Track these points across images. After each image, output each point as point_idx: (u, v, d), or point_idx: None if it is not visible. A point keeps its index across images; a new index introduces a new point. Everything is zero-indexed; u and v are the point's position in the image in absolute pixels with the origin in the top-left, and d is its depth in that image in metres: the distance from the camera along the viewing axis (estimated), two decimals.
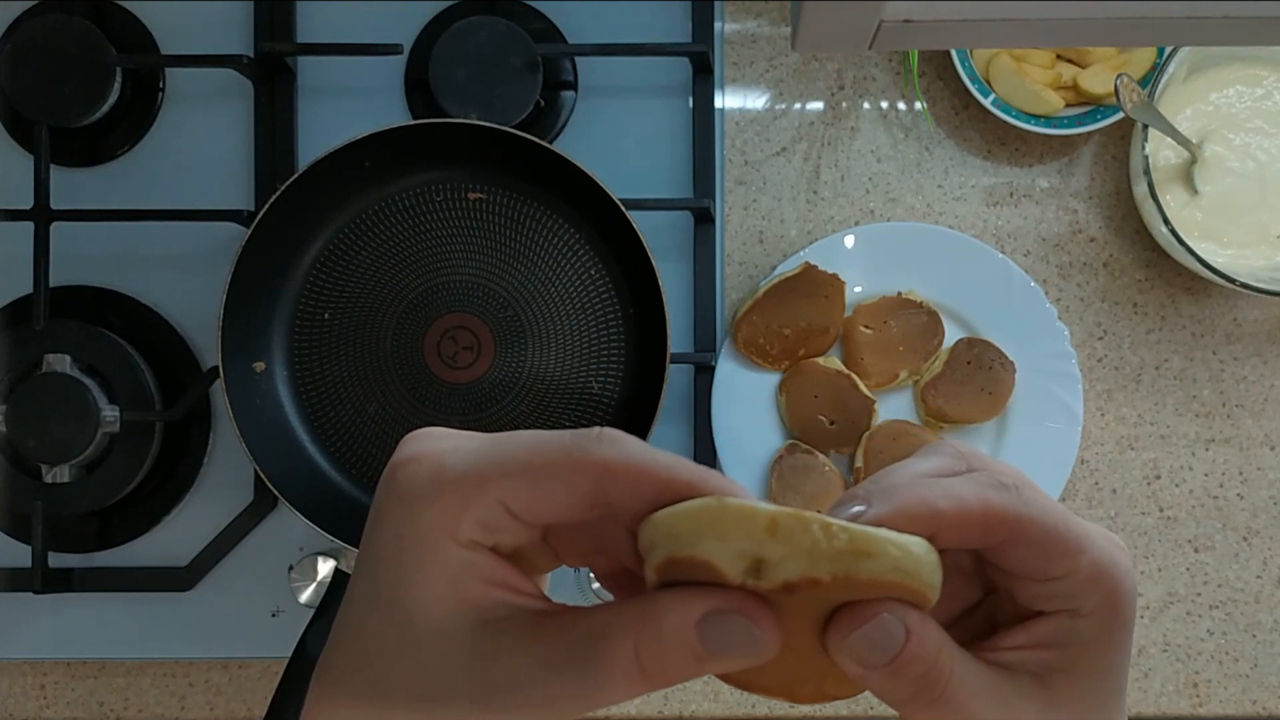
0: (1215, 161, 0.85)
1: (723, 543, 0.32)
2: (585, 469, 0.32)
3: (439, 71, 0.83)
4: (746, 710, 0.88)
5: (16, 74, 0.83)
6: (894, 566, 0.33)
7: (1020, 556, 0.35)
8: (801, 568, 0.32)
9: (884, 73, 0.90)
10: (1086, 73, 0.87)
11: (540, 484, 0.33)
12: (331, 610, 0.77)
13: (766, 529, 0.32)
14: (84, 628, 0.87)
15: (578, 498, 0.33)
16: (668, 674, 0.32)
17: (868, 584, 0.33)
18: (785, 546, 0.32)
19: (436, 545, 0.33)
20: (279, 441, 0.82)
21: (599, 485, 0.33)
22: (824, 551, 0.32)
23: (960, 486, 0.35)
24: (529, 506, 0.33)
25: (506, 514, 0.33)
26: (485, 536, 0.33)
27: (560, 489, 0.33)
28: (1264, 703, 0.89)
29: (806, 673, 0.36)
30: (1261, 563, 0.89)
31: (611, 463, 0.32)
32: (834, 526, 0.32)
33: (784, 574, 0.32)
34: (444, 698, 0.33)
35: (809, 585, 0.32)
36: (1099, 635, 0.35)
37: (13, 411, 0.81)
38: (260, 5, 0.87)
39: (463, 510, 0.33)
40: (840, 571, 0.32)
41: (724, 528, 0.32)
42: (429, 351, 0.83)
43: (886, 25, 0.34)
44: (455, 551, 0.33)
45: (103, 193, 0.88)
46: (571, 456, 0.32)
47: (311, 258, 0.83)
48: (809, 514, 0.33)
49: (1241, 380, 0.90)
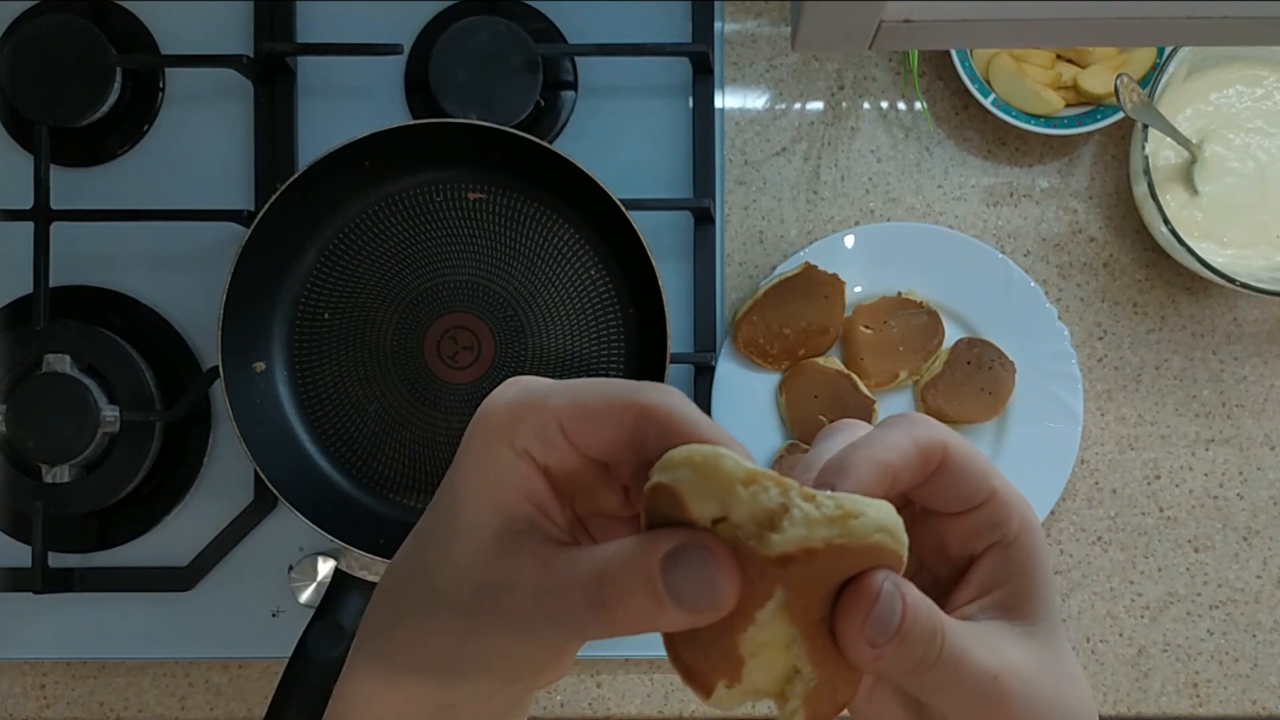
0: (1215, 161, 0.85)
1: (700, 482, 0.34)
2: (630, 408, 0.35)
3: (439, 71, 0.83)
4: (746, 710, 0.88)
5: (16, 74, 0.83)
6: (879, 526, 0.34)
7: (949, 486, 0.39)
8: (799, 535, 0.33)
9: (884, 73, 0.90)
10: (1086, 73, 0.87)
11: (591, 410, 0.36)
12: (332, 610, 0.77)
13: (743, 480, 0.34)
14: (84, 628, 0.87)
15: (618, 431, 0.36)
16: (626, 609, 0.34)
17: (858, 550, 0.34)
18: (752, 504, 0.33)
19: (494, 447, 0.36)
20: (279, 441, 0.82)
21: (638, 424, 0.36)
22: (816, 518, 0.33)
23: (889, 436, 0.38)
24: (578, 429, 0.36)
25: (559, 433, 0.36)
26: (538, 450, 0.36)
27: (607, 419, 0.36)
28: (1264, 703, 0.89)
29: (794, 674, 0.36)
30: (1261, 563, 0.89)
31: (651, 406, 0.35)
32: (819, 495, 0.34)
33: (781, 546, 0.33)
34: (449, 590, 0.36)
35: (805, 556, 0.33)
36: (1030, 556, 0.39)
37: (13, 411, 0.81)
38: (260, 5, 0.87)
39: (523, 419, 0.36)
40: (834, 536, 0.33)
41: (707, 470, 0.34)
42: (429, 351, 0.83)
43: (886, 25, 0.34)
44: (508, 457, 0.36)
45: (103, 193, 0.88)
46: (623, 394, 0.36)
47: (311, 258, 0.83)
48: (790, 480, 0.34)
49: (1241, 380, 0.90)
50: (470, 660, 0.36)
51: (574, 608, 0.34)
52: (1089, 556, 0.89)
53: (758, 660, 0.35)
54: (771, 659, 0.35)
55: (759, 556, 0.34)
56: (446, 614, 0.36)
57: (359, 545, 0.77)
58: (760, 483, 0.34)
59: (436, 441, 0.83)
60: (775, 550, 0.33)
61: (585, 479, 0.38)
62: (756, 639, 0.35)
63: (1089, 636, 0.89)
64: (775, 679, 0.36)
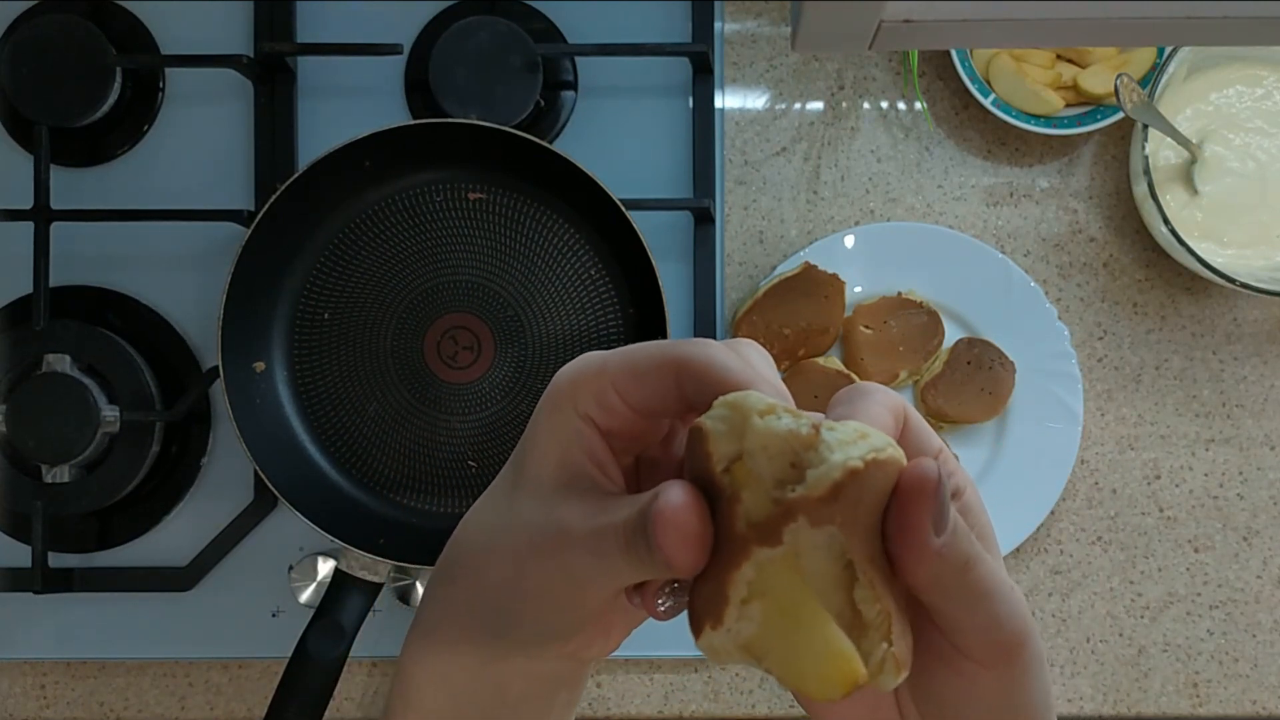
0: (1215, 161, 0.85)
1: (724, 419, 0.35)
2: (670, 364, 0.38)
3: (439, 71, 0.83)
4: (746, 710, 0.88)
5: (16, 74, 0.83)
6: (888, 441, 0.35)
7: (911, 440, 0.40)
8: (840, 461, 0.33)
9: (884, 73, 0.90)
10: (1086, 73, 0.87)
11: (639, 371, 0.39)
12: (332, 610, 0.77)
13: (761, 410, 0.35)
14: (84, 628, 0.87)
15: (663, 387, 0.39)
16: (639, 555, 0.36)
17: (888, 470, 0.35)
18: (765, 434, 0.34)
19: (561, 412, 0.40)
20: (279, 441, 0.82)
21: (679, 379, 0.38)
22: (849, 438, 0.34)
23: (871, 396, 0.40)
24: (629, 389, 0.39)
25: (614, 395, 0.39)
26: (597, 413, 0.39)
27: (652, 378, 0.39)
28: (1264, 703, 0.89)
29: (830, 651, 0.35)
30: (1261, 563, 0.89)
31: (686, 360, 0.38)
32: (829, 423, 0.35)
33: (828, 476, 0.34)
34: (506, 540, 0.39)
35: (850, 479, 0.33)
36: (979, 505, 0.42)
37: (13, 411, 0.81)
38: (260, 5, 0.87)
39: (582, 385, 0.39)
40: (868, 454, 0.34)
41: (732, 405, 0.36)
42: (429, 351, 0.83)
43: (886, 25, 0.34)
44: (572, 420, 0.39)
45: (103, 193, 0.88)
46: (663, 352, 0.39)
47: (311, 258, 0.83)
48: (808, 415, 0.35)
49: (1241, 380, 0.90)
50: (519, 613, 0.39)
51: (612, 547, 0.36)
52: (1089, 556, 0.89)
53: (750, 609, 0.35)
54: (768, 612, 0.35)
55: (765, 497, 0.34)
56: (499, 565, 0.39)
57: (359, 545, 0.77)
58: (775, 412, 0.35)
59: (436, 441, 0.83)
60: (824, 483, 0.33)
61: (645, 434, 0.41)
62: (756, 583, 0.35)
63: (1089, 636, 0.89)
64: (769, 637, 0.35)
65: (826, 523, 0.34)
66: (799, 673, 0.35)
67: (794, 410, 0.35)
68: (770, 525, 0.34)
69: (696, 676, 0.88)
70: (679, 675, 0.88)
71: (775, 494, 0.34)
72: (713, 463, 0.35)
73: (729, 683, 0.88)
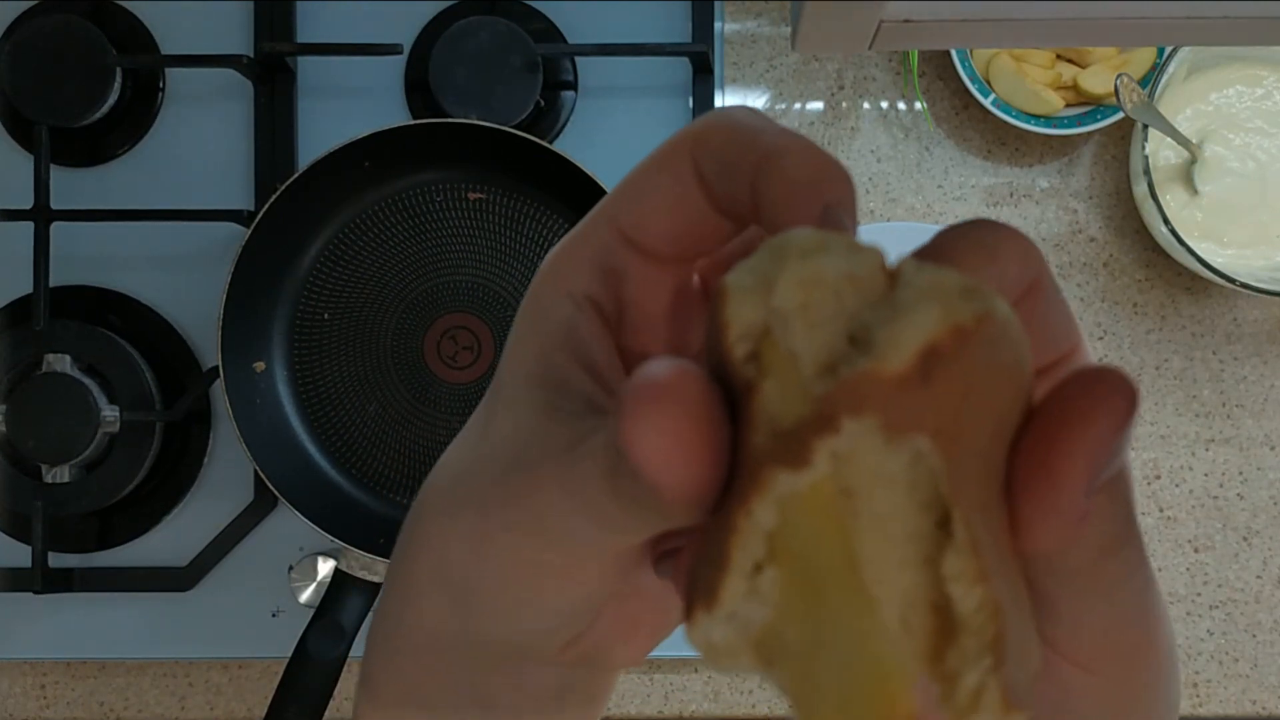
0: (1215, 161, 0.85)
1: (753, 268, 0.22)
2: (679, 149, 0.27)
3: (439, 71, 0.83)
4: (746, 710, 0.88)
5: (16, 74, 0.83)
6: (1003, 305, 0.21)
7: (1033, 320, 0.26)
8: (941, 311, 0.20)
9: (884, 73, 0.90)
10: (1086, 73, 0.87)
11: (644, 184, 0.28)
12: (332, 610, 0.77)
13: (805, 248, 0.21)
14: (84, 628, 0.87)
15: (680, 184, 0.27)
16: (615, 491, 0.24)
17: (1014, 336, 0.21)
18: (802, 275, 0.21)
19: (542, 301, 0.28)
20: (279, 441, 0.82)
21: (696, 163, 0.27)
22: (944, 283, 0.20)
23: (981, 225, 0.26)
24: (639, 219, 0.27)
25: (621, 239, 0.28)
26: (601, 285, 0.27)
27: (664, 180, 0.27)
28: (1264, 703, 0.89)
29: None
30: (1261, 563, 0.89)
31: (698, 130, 0.27)
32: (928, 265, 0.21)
33: (916, 334, 0.19)
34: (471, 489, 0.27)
35: (960, 344, 0.20)
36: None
37: (13, 411, 0.81)
38: (260, 5, 0.87)
39: (576, 251, 0.28)
40: (980, 308, 0.20)
41: (769, 247, 0.22)
42: (429, 351, 0.83)
43: (886, 25, 0.34)
44: (557, 309, 0.27)
45: (103, 193, 0.88)
46: (668, 143, 0.27)
47: (311, 258, 0.83)
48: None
49: (1241, 380, 0.90)
50: (487, 602, 0.27)
51: (590, 479, 0.24)
52: None
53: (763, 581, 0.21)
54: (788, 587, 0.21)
55: (799, 387, 0.20)
56: (466, 518, 0.27)
57: (359, 545, 0.77)
58: (827, 247, 0.21)
59: (436, 441, 0.83)
60: (907, 346, 0.20)
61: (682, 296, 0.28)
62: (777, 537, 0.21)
63: None
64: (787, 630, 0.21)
65: (909, 429, 0.20)
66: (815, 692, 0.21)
67: (860, 243, 0.22)
68: (800, 434, 0.20)
69: (696, 676, 0.88)
70: (679, 675, 0.88)
71: (817, 383, 0.20)
72: (728, 340, 0.21)
73: (729, 683, 0.88)
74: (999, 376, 0.21)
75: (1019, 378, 0.21)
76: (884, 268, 0.21)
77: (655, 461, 0.21)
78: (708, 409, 0.21)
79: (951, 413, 0.20)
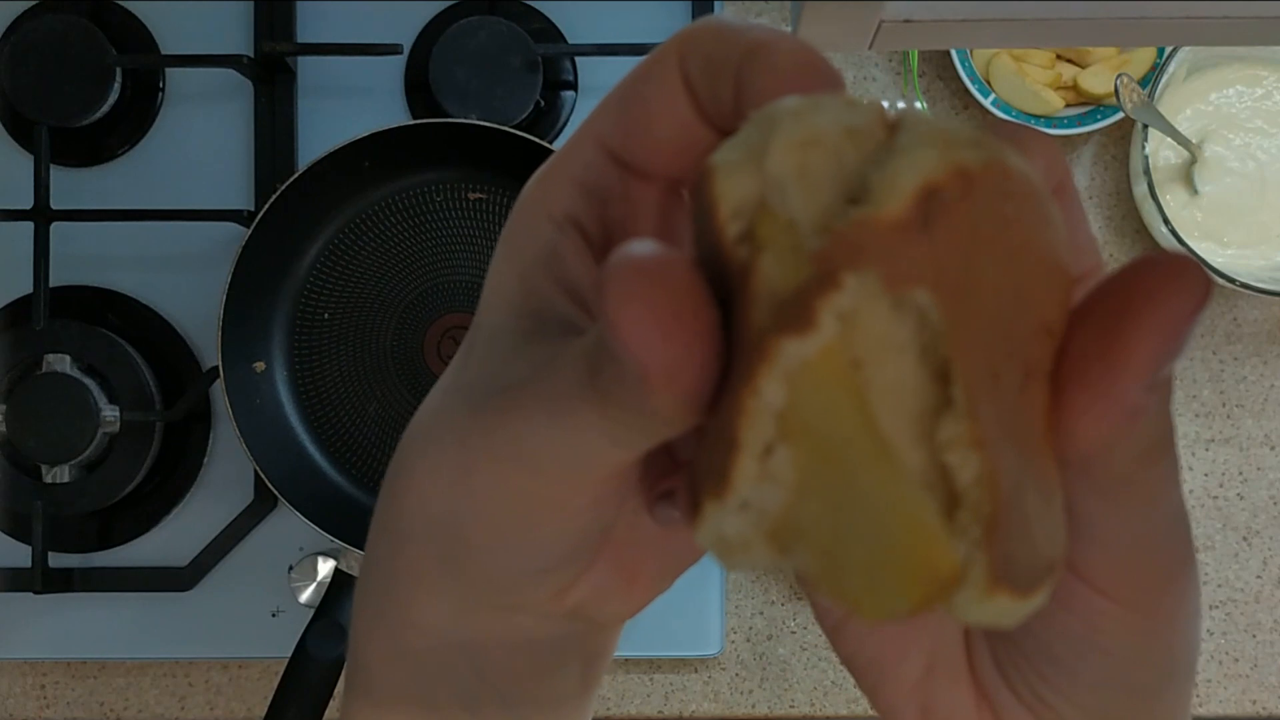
0: (1215, 161, 0.85)
1: (742, 141, 0.20)
2: (666, 56, 0.25)
3: (439, 71, 0.83)
4: (746, 710, 0.88)
5: (16, 74, 0.83)
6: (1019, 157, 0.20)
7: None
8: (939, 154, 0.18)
9: (884, 73, 0.90)
10: (1086, 73, 0.87)
11: (630, 96, 0.25)
12: (332, 610, 0.77)
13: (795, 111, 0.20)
14: (84, 628, 0.87)
15: (667, 92, 0.25)
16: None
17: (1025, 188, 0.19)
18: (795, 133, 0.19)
19: (523, 223, 0.26)
20: (279, 441, 0.82)
21: (683, 70, 0.25)
22: (951, 132, 0.19)
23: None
24: (624, 132, 0.25)
25: (605, 156, 0.26)
26: (585, 204, 0.26)
27: (650, 89, 0.25)
28: (1264, 703, 0.89)
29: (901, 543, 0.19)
30: (1261, 563, 0.89)
31: (684, 34, 0.25)
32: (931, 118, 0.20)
33: (913, 175, 0.18)
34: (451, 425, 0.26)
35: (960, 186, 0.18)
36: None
37: (13, 411, 0.81)
38: (260, 5, 0.87)
39: (561, 169, 0.26)
40: (988, 155, 0.18)
41: (758, 118, 0.21)
42: (429, 351, 0.83)
43: (886, 25, 0.34)
44: (538, 231, 0.26)
45: (103, 193, 0.88)
46: (655, 51, 0.25)
47: (311, 258, 0.83)
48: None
49: (1241, 380, 0.90)
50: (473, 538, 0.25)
51: (571, 387, 0.22)
52: None
53: (776, 461, 0.19)
54: (806, 463, 0.19)
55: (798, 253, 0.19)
56: (446, 451, 0.25)
57: (359, 545, 0.77)
58: (820, 107, 0.20)
59: None
60: (904, 187, 0.18)
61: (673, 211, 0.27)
62: (787, 414, 0.19)
63: None
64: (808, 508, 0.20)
65: (911, 281, 0.18)
66: (843, 568, 0.19)
67: (856, 99, 0.20)
68: (802, 298, 0.19)
69: (696, 676, 0.88)
70: (679, 675, 0.88)
71: (814, 240, 0.19)
72: (719, 219, 0.20)
73: (729, 683, 0.88)
74: (1017, 234, 0.19)
75: (1044, 242, 0.19)
76: (885, 120, 0.20)
77: (641, 340, 0.19)
78: (694, 285, 0.20)
79: (958, 265, 0.18)
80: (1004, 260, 0.19)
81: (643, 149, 0.25)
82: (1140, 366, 0.21)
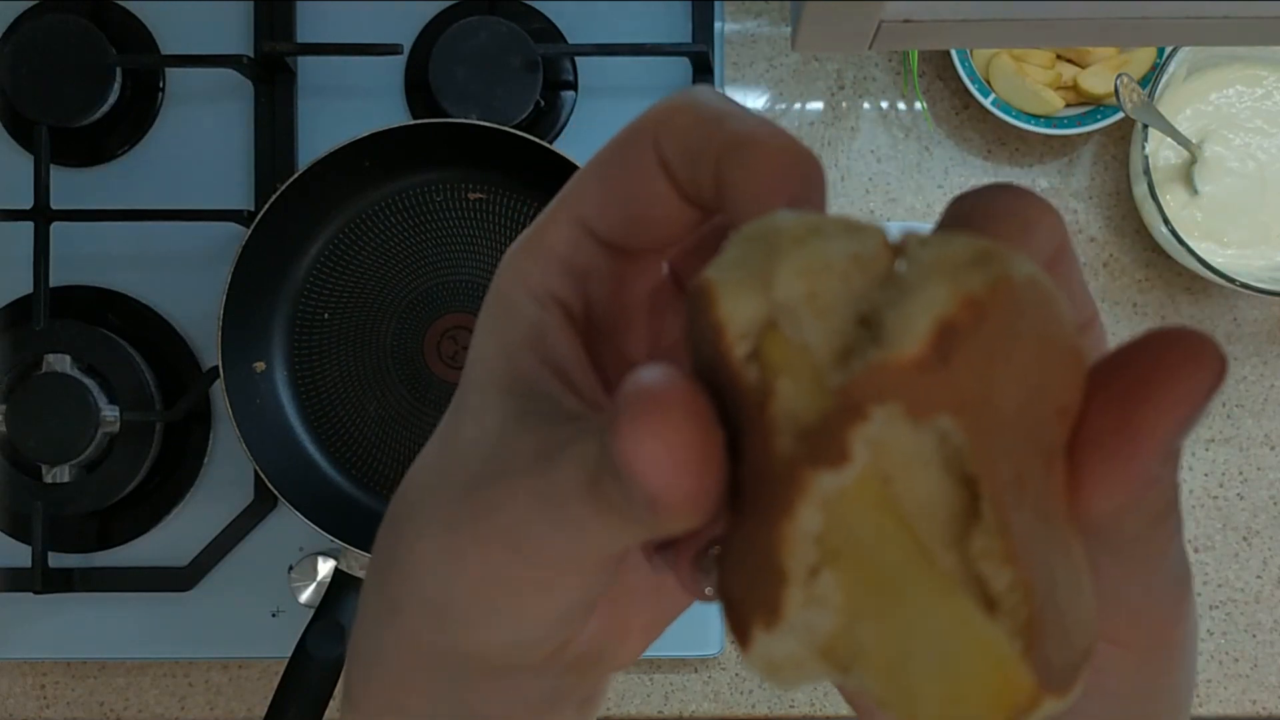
0: (1215, 161, 0.85)
1: (742, 260, 0.21)
2: (641, 136, 0.25)
3: (439, 71, 0.83)
4: (746, 710, 0.88)
5: (16, 74, 0.83)
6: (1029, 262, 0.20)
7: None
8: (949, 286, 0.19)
9: (884, 73, 0.90)
10: (1086, 73, 0.87)
11: (605, 174, 0.26)
12: (332, 610, 0.77)
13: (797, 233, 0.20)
14: (84, 628, 0.87)
15: (643, 172, 0.25)
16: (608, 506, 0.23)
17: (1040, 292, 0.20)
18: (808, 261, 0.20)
19: (505, 305, 0.26)
20: (279, 441, 0.82)
21: (659, 150, 0.25)
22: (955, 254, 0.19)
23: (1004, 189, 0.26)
24: (601, 209, 0.26)
25: (584, 233, 0.26)
26: (565, 283, 0.26)
27: (626, 169, 0.25)
28: (1264, 703, 0.89)
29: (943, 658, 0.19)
30: (1261, 563, 0.89)
31: (659, 114, 0.25)
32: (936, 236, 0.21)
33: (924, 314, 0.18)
34: (439, 507, 0.26)
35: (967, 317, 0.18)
36: None
37: (13, 411, 0.81)
38: (260, 5, 0.87)
39: (540, 245, 0.26)
40: (994, 274, 0.19)
41: (753, 235, 0.21)
42: (429, 351, 0.83)
43: (886, 25, 0.34)
44: (522, 310, 0.26)
45: (103, 193, 0.88)
46: (628, 129, 0.26)
47: (311, 258, 0.83)
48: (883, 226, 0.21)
49: (1241, 380, 0.90)
50: (467, 618, 0.25)
51: (569, 492, 0.23)
52: None
53: (822, 584, 0.20)
54: (853, 585, 0.20)
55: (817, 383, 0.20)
56: (435, 534, 0.25)
57: (359, 545, 0.77)
58: (824, 231, 0.20)
59: None
60: (917, 328, 0.19)
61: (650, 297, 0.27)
62: (826, 538, 0.20)
63: None
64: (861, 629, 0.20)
65: (933, 410, 0.19)
66: (913, 693, 0.19)
67: (856, 221, 0.21)
68: (830, 429, 0.19)
69: (696, 676, 0.88)
70: (679, 675, 0.88)
71: (836, 374, 0.19)
72: (726, 341, 0.20)
73: (729, 683, 0.88)
74: (1029, 339, 0.20)
75: (1056, 335, 0.20)
76: (887, 244, 0.21)
77: (655, 475, 0.20)
78: (706, 415, 0.20)
79: (977, 387, 0.19)
80: (1019, 368, 0.20)
81: (620, 229, 0.26)
82: (1159, 441, 0.21)
